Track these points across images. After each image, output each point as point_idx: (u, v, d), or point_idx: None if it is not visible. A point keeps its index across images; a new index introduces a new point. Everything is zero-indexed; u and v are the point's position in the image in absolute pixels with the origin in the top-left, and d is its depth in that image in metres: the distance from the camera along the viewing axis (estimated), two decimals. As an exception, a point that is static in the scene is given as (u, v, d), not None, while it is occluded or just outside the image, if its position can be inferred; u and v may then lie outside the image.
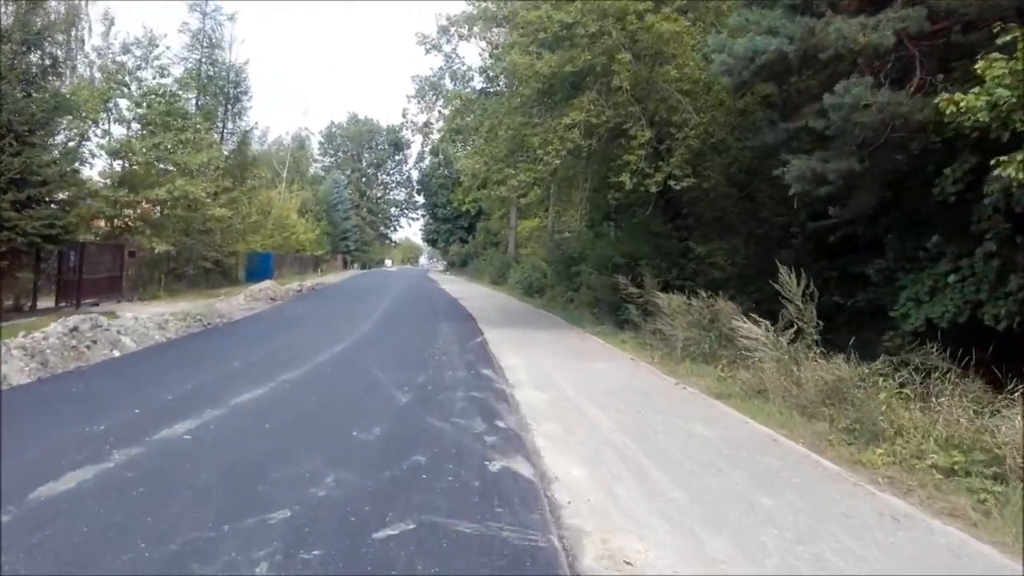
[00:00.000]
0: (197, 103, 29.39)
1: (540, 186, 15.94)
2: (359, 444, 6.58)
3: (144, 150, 22.11)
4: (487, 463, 6.16)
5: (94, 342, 11.47)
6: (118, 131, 22.41)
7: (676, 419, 8.31)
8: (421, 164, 56.10)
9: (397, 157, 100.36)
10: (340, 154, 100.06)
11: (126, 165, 22.41)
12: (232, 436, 6.65)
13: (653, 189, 15.45)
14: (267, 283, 26.24)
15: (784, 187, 15.83)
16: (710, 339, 12.66)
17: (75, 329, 11.31)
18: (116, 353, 11.51)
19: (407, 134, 48.15)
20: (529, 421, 7.92)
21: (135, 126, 22.98)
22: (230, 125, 31.93)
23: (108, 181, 21.72)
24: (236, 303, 21.83)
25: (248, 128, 32.74)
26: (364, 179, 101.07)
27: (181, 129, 24.68)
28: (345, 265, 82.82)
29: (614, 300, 21.24)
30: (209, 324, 16.16)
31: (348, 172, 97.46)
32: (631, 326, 18.84)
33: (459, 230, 76.87)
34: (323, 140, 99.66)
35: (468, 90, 45.69)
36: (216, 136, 31.24)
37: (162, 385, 8.92)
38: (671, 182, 15.35)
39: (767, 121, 14.35)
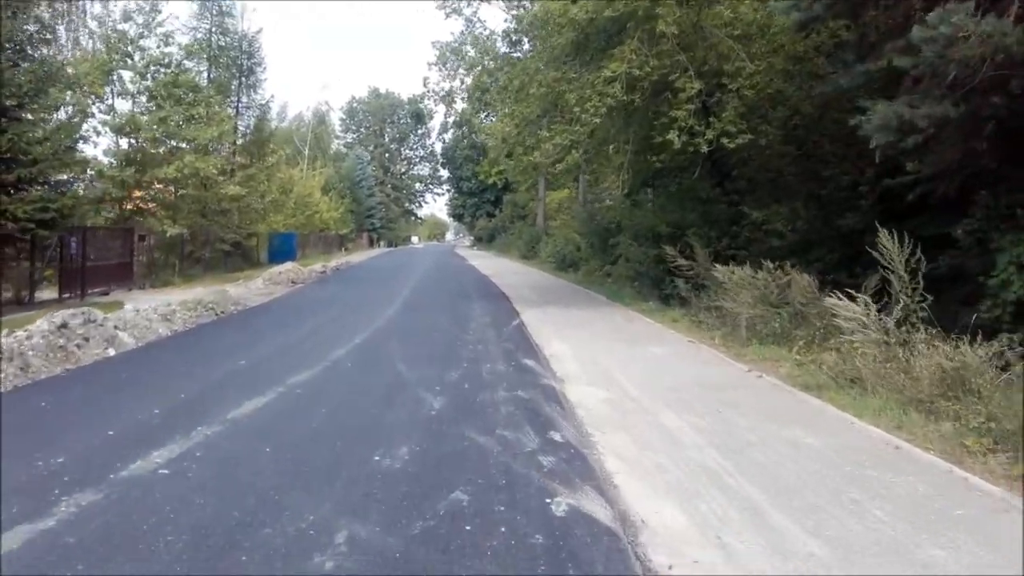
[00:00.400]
0: (209, 75, 28.00)
1: (577, 149, 14.32)
2: (381, 476, 5.13)
3: (151, 125, 20.77)
4: (549, 501, 4.69)
5: (86, 340, 10.15)
6: (123, 106, 21.15)
7: (768, 423, 6.78)
8: (444, 136, 54.28)
9: (420, 131, 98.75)
10: (362, 130, 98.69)
11: (133, 143, 21.11)
12: (220, 469, 5.24)
13: (704, 148, 13.76)
14: (288, 265, 24.96)
15: (850, 141, 14.11)
16: (781, 317, 11.06)
17: (64, 326, 9.99)
18: (111, 352, 10.20)
19: (429, 104, 46.53)
20: (590, 431, 6.45)
21: (142, 100, 21.62)
22: (245, 99, 30.54)
23: (113, 160, 20.44)
24: (254, 288, 20.57)
25: (264, 101, 31.41)
26: (387, 155, 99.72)
27: (192, 103, 23.32)
28: (371, 243, 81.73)
29: (657, 273, 19.67)
30: (222, 313, 14.86)
31: (371, 148, 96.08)
32: (678, 301, 17.31)
33: (485, 204, 75.33)
34: (344, 116, 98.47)
35: (488, 60, 43.89)
36: (231, 110, 29.89)
37: (153, 393, 7.57)
38: (724, 140, 13.65)
39: (841, 64, 12.58)
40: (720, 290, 14.05)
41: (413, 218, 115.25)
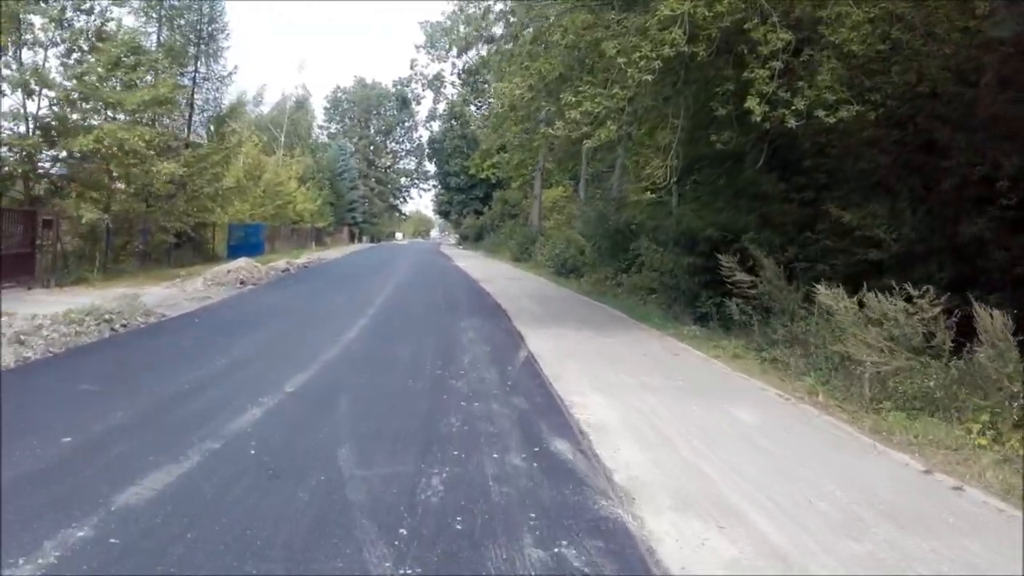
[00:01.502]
0: (159, 38, 23.92)
1: (614, 120, 10.46)
2: None
3: (66, 82, 16.68)
4: None
5: None
6: (33, 60, 16.97)
7: None
8: (431, 125, 49.96)
9: (407, 123, 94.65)
10: (346, 120, 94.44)
11: (49, 105, 17.00)
12: None
13: (791, 123, 9.92)
14: (240, 262, 20.93)
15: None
16: (942, 376, 7.22)
17: None
18: None
19: (416, 88, 42.58)
20: None
21: (63, 55, 17.44)
22: (204, 69, 26.44)
23: (15, 126, 16.34)
24: (190, 290, 16.57)
25: (227, 73, 27.28)
26: (372, 147, 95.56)
27: (131, 67, 19.25)
28: (352, 238, 77.54)
29: (691, 287, 15.92)
30: (123, 327, 10.86)
31: (355, 140, 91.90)
32: (717, 322, 13.70)
33: (473, 201, 71.32)
34: (328, 106, 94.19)
35: (483, 40, 39.80)
36: (186, 81, 25.79)
37: None
38: (820, 113, 9.85)
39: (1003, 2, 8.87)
40: (806, 320, 10.33)
41: (397, 214, 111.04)
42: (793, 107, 9.87)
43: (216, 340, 10.38)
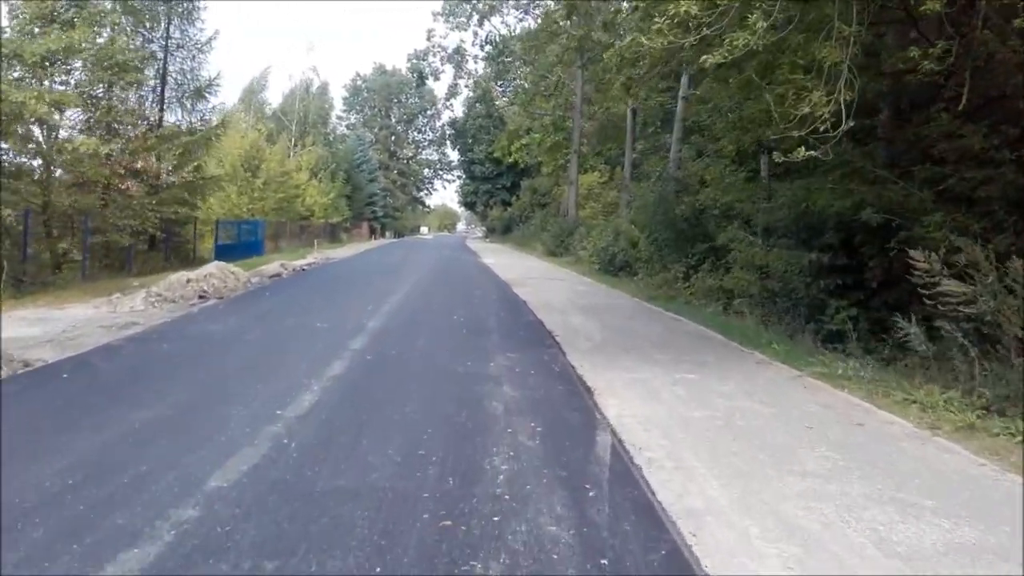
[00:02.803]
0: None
1: (761, 15, 5.84)
2: None
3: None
4: None
5: None
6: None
7: None
8: (451, 104, 44.74)
9: (429, 112, 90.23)
10: (367, 110, 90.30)
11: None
12: None
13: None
14: (212, 267, 16.64)
15: None
16: None
17: None
18: None
19: (435, 62, 38.01)
20: None
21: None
22: (177, 33, 22.08)
23: None
24: (123, 310, 12.22)
25: (206, 39, 22.85)
26: (393, 137, 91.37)
27: (68, 24, 15.05)
28: (373, 233, 73.33)
29: (813, 294, 11.29)
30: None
31: (375, 130, 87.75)
32: (865, 346, 9.19)
33: (500, 191, 66.76)
34: (348, 95, 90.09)
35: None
36: (156, 48, 21.51)
37: None
38: None
39: None
40: None
41: (421, 207, 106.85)
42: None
43: (90, 418, 5.90)
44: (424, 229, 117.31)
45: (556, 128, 36.52)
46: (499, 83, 42.02)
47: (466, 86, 37.94)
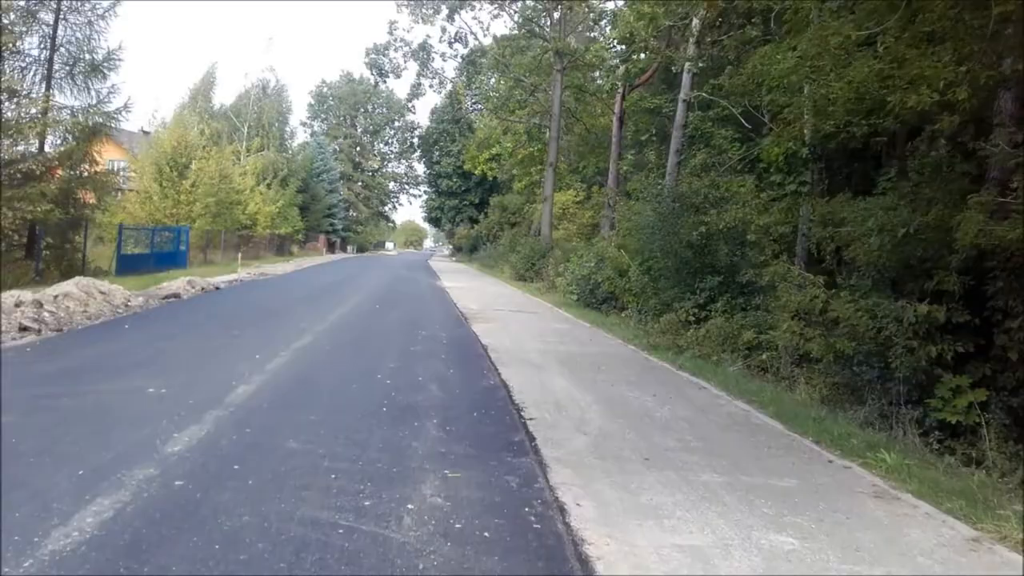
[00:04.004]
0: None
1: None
2: None
3: None
4: None
5: None
6: None
7: None
8: (413, 106, 40.24)
9: (396, 123, 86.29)
10: (331, 118, 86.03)
11: None
12: None
13: None
14: (70, 285, 12.42)
15: None
16: None
17: None
18: None
19: (396, 58, 34.04)
20: None
21: None
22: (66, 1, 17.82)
23: None
24: None
25: (104, 8, 18.53)
26: (358, 148, 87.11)
27: None
28: (331, 248, 68.88)
29: (917, 368, 7.48)
30: None
31: (340, 139, 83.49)
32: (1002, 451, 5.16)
33: (467, 207, 62.91)
34: (313, 102, 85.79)
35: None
36: (43, 11, 17.31)
37: None
38: None
39: None
40: None
41: (386, 222, 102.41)
42: None
43: None
44: (389, 245, 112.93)
45: (531, 138, 32.76)
46: (470, 86, 38.09)
47: (431, 86, 33.98)
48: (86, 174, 17.64)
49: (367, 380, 8.23)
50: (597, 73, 35.46)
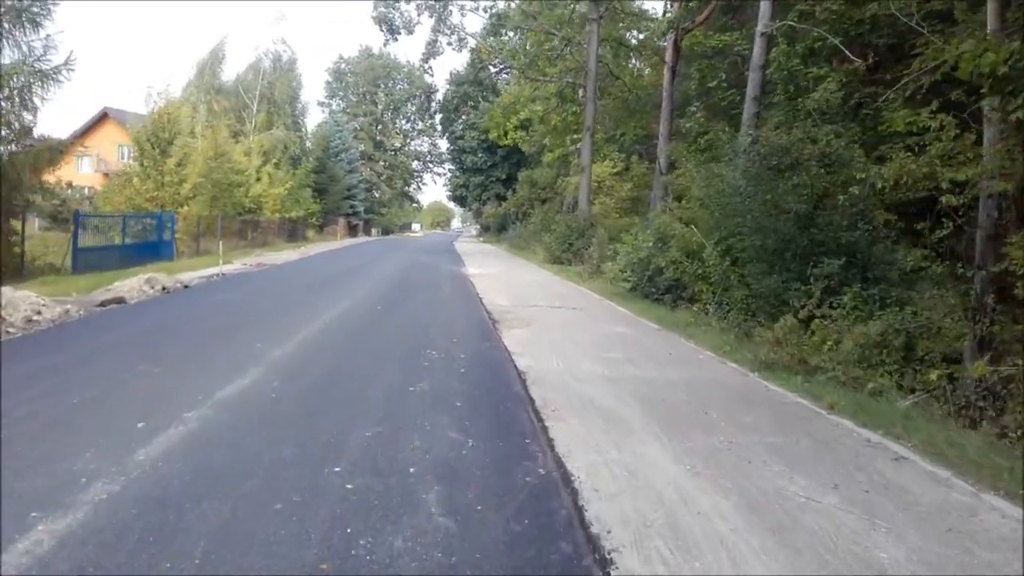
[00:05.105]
0: None
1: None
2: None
3: None
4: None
5: None
6: None
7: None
8: (428, 65, 35.50)
9: (419, 98, 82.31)
10: (351, 96, 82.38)
11: None
12: None
13: None
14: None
15: None
16: None
17: None
18: None
19: (409, 10, 30.08)
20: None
21: None
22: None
23: None
24: None
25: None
26: (379, 126, 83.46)
27: None
28: (353, 231, 65.41)
29: None
30: None
31: (360, 117, 79.89)
32: None
33: (493, 184, 58.91)
34: (331, 79, 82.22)
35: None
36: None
37: None
38: None
39: None
40: None
41: (411, 203, 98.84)
42: None
43: None
44: (416, 227, 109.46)
45: (563, 99, 28.64)
46: (495, 39, 33.71)
47: (449, 43, 30.02)
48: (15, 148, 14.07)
49: (308, 484, 4.46)
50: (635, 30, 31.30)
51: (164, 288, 13.99)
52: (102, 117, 47.39)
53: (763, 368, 8.54)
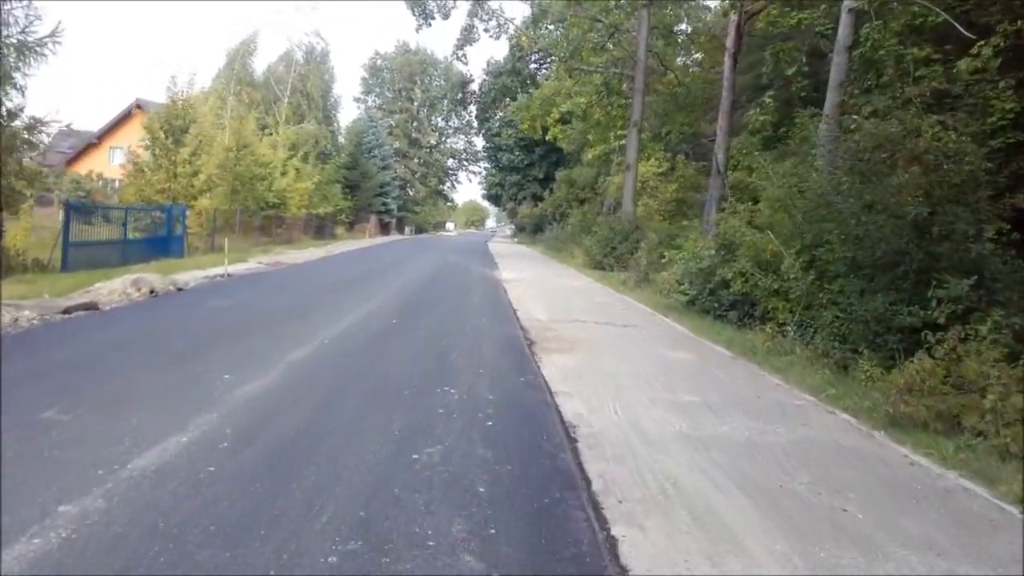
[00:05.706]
0: None
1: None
2: None
3: None
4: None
5: None
6: None
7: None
8: (463, 54, 32.93)
9: (456, 95, 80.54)
10: (387, 92, 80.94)
11: None
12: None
13: None
14: None
15: None
16: None
17: None
18: None
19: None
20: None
21: None
22: None
23: None
24: None
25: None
26: (415, 123, 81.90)
27: None
28: (385, 229, 63.85)
29: None
30: None
31: (396, 114, 78.44)
32: None
33: (530, 183, 56.90)
34: (367, 75, 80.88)
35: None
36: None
37: None
38: None
39: None
40: None
41: (445, 201, 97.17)
42: None
43: None
44: (450, 226, 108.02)
45: (609, 91, 26.47)
46: (536, 28, 31.60)
47: (486, 30, 28.05)
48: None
49: None
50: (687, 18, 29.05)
51: (152, 291, 12.20)
52: (135, 109, 46.37)
53: (889, 424, 6.40)
